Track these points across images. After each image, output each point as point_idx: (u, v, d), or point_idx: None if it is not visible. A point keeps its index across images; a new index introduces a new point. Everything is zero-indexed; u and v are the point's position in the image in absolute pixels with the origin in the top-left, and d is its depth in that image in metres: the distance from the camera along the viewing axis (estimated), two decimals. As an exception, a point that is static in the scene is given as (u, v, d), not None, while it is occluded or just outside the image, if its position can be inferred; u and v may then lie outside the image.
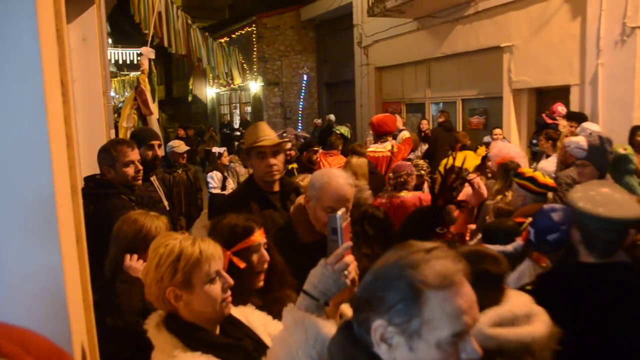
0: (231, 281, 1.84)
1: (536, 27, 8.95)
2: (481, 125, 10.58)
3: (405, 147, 6.88)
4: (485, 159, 6.16)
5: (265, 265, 2.22)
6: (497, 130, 8.41)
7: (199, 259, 1.74)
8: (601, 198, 2.15)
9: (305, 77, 18.41)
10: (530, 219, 2.79)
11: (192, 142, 15.12)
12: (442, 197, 3.00)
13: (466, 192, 4.77)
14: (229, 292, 1.84)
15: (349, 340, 1.30)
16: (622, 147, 5.22)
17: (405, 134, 7.23)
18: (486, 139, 8.37)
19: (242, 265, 2.09)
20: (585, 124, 6.41)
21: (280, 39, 18.23)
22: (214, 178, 7.72)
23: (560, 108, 7.56)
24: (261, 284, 2.21)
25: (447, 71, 11.53)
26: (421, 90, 12.47)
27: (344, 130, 8.95)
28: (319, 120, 15.75)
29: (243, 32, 19.01)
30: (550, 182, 3.57)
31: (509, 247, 2.63)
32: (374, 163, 6.08)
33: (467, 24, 10.38)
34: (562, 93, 8.55)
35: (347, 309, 1.77)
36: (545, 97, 9.25)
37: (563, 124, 7.00)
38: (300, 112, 18.77)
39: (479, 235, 3.22)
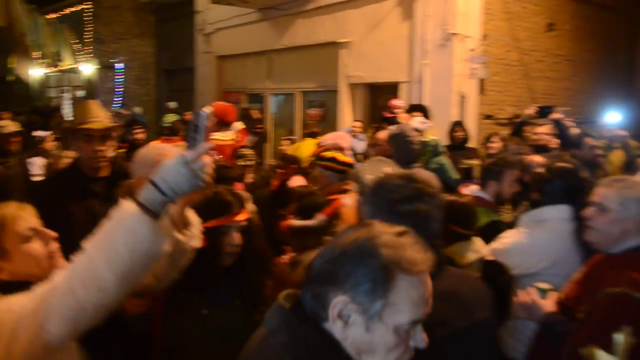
0: (53, 233, 1.72)
1: (371, 26, 9.48)
2: (319, 117, 10.95)
3: (242, 137, 6.96)
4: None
5: (235, 249, 2.14)
6: (357, 123, 8.71)
7: (3, 223, 1.63)
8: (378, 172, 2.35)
9: (121, 66, 17.19)
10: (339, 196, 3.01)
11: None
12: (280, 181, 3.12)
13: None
14: (55, 245, 1.73)
15: (297, 314, 1.22)
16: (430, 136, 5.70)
17: (239, 124, 7.32)
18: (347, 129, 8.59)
19: (204, 244, 1.99)
20: (419, 119, 6.99)
21: (117, 20, 17.21)
22: (35, 165, 7.06)
23: (398, 102, 8.04)
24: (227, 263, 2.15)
25: (287, 63, 11.74)
26: (262, 81, 12.58)
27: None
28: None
29: (76, 9, 17.62)
30: (349, 160, 3.84)
31: (313, 221, 2.77)
32: (218, 151, 6.04)
33: (308, 18, 10.69)
34: (392, 89, 9.16)
35: (193, 216, 1.73)
36: (378, 92, 9.85)
37: (403, 117, 7.50)
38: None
39: None
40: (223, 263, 2.17)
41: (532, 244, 2.77)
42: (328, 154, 3.80)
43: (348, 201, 3.12)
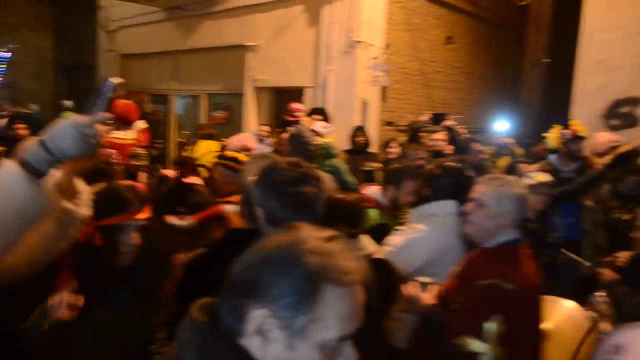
0: None
1: (278, 30, 9.54)
2: (224, 120, 10.86)
3: (144, 137, 6.81)
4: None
5: (132, 249, 2.05)
6: (263, 127, 8.64)
7: None
8: None
9: (6, 55, 16.05)
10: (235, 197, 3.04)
11: None
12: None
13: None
14: None
15: (211, 328, 1.08)
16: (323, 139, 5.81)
17: (142, 123, 7.16)
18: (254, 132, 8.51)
19: (98, 242, 1.92)
20: (321, 123, 7.11)
21: (10, 11, 16.19)
22: None
23: (298, 106, 8.12)
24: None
25: (193, 65, 11.56)
26: (166, 82, 12.30)
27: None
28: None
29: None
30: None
31: (182, 222, 2.79)
32: (116, 150, 5.85)
33: (215, 20, 10.59)
34: (298, 94, 9.25)
35: (82, 185, 1.65)
36: (284, 96, 9.91)
37: (305, 120, 7.57)
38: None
39: None
40: (120, 263, 2.09)
41: (421, 236, 2.94)
42: (230, 153, 3.82)
43: (230, 208, 3.13)
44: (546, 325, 3.27)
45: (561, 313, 3.30)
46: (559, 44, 8.26)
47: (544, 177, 4.03)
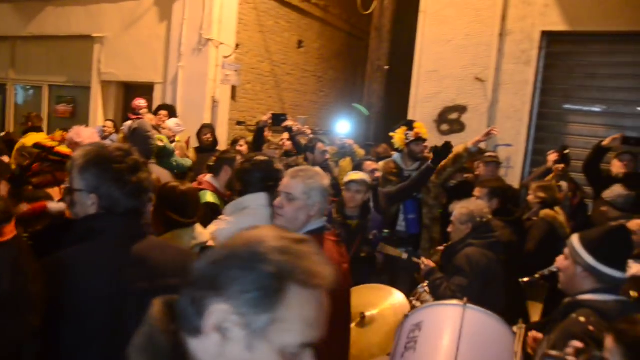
0: None
1: (128, 23, 9.26)
2: (68, 114, 10.31)
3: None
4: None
5: None
6: (108, 123, 8.25)
7: None
8: None
9: None
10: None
11: None
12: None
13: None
14: None
15: (163, 322, 1.04)
16: (160, 139, 5.78)
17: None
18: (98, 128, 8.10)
19: None
20: (174, 120, 7.05)
21: None
22: None
23: (140, 102, 7.88)
24: None
25: (34, 53, 10.79)
26: (3, 70, 11.36)
27: None
28: None
29: None
30: (68, 152, 3.87)
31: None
32: None
33: (59, 7, 9.99)
34: (147, 89, 9.06)
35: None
36: (133, 91, 9.63)
37: (149, 117, 7.42)
38: None
39: None
40: None
41: (230, 227, 3.05)
42: (49, 144, 3.70)
43: (54, 206, 3.08)
44: (371, 311, 3.61)
45: (387, 302, 3.65)
46: (398, 52, 8.91)
47: (357, 176, 4.31)
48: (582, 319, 2.19)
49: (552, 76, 6.73)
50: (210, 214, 3.43)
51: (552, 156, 5.69)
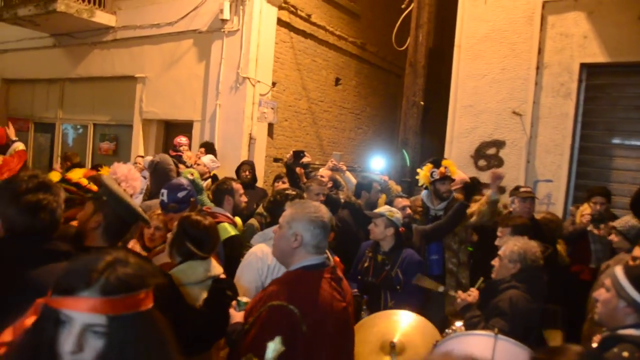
0: None
1: (168, 64, 9.54)
2: (111, 152, 10.60)
3: (18, 159, 6.49)
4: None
5: None
6: (139, 159, 8.45)
7: None
8: None
9: None
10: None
11: None
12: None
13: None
14: None
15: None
16: (190, 172, 5.81)
17: (19, 145, 6.83)
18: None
19: None
20: (209, 156, 7.16)
21: None
22: None
23: (182, 139, 8.09)
24: None
25: (81, 94, 11.26)
26: (53, 110, 11.85)
27: None
28: None
29: None
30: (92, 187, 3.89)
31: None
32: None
33: (105, 49, 10.42)
34: (187, 127, 9.25)
35: None
36: (173, 129, 9.86)
37: (188, 155, 7.55)
38: None
39: None
40: None
41: (257, 256, 3.12)
42: (74, 177, 3.76)
43: None
44: (396, 336, 3.43)
45: (408, 325, 3.46)
46: (434, 88, 8.83)
47: (378, 210, 4.28)
48: (625, 354, 2.13)
49: (594, 109, 6.50)
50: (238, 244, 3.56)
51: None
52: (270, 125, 9.14)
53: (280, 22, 9.10)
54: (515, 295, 3.40)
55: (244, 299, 2.53)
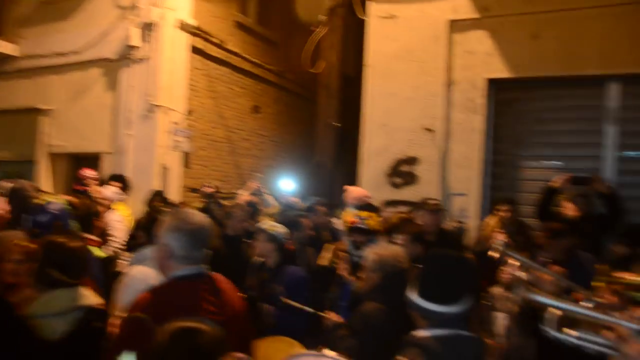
0: None
1: (75, 94, 9.10)
2: (14, 189, 9.89)
3: None
4: None
5: None
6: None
7: None
8: None
9: None
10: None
11: None
12: None
13: None
14: None
15: None
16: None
17: None
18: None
19: None
20: (113, 189, 6.78)
21: None
22: None
23: (88, 172, 7.60)
24: None
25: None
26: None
27: None
28: None
29: None
30: None
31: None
32: None
33: (6, 80, 9.83)
34: (95, 160, 8.78)
35: None
36: (81, 163, 9.30)
37: (95, 189, 7.09)
38: None
39: None
40: None
41: (137, 277, 2.96)
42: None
43: None
44: None
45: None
46: (350, 110, 8.83)
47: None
48: None
49: (502, 123, 6.65)
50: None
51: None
52: (186, 155, 8.82)
53: (195, 49, 8.92)
54: (368, 310, 3.07)
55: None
